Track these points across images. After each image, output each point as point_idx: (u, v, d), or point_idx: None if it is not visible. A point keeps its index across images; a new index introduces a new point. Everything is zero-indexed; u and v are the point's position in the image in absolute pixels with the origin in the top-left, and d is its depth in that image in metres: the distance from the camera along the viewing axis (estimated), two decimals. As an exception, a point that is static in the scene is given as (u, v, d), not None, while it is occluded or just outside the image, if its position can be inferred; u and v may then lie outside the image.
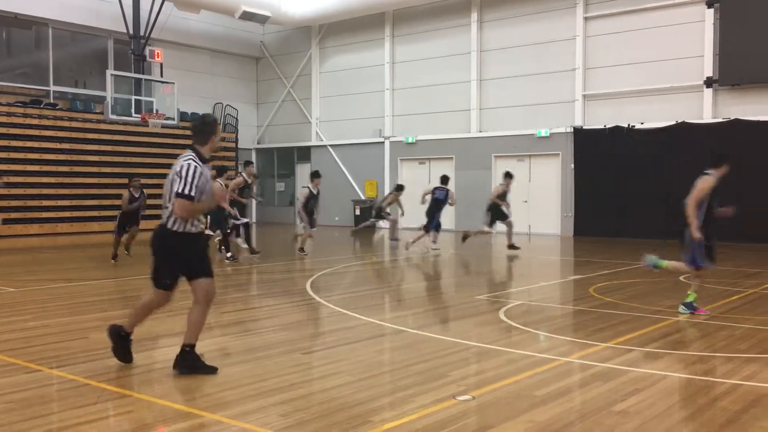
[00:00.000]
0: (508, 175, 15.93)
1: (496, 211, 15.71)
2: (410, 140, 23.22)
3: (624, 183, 18.67)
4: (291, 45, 27.37)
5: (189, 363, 5.44)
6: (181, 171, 5.33)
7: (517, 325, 7.44)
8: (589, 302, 9.06)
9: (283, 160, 28.26)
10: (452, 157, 22.53)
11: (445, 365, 5.78)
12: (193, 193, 5.29)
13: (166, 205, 5.46)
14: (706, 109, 18.12)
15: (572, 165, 20.17)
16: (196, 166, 5.37)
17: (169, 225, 5.41)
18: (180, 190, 5.28)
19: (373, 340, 6.89)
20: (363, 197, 24.47)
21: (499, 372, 5.60)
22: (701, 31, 18.15)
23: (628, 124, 19.09)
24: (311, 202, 14.67)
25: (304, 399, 4.80)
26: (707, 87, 18.08)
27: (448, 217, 19.00)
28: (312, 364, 5.96)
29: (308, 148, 26.91)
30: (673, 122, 18.32)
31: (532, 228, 20.80)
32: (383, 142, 23.92)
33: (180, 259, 5.48)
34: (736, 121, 17.45)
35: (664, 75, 18.66)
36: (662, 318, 7.74)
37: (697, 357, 6.13)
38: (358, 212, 23.51)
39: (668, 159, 18.08)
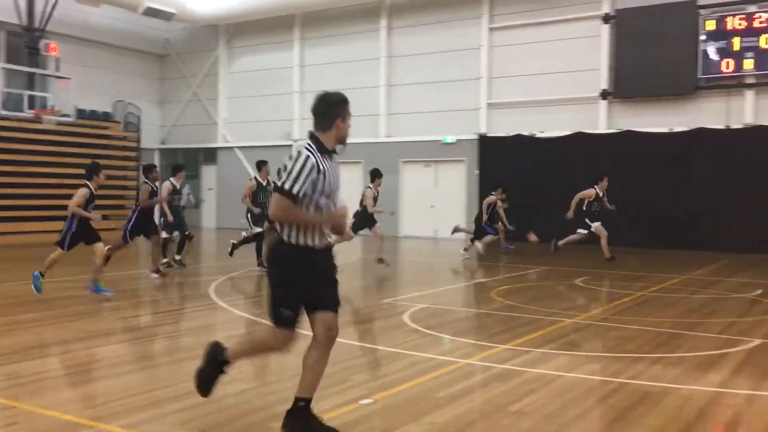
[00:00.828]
0: (378, 174, 13.46)
1: (366, 218, 13.33)
2: (318, 144, 23.19)
3: (527, 189, 19.26)
4: (197, 43, 26.76)
5: (303, 423, 4.10)
6: (291, 161, 4.06)
7: (421, 329, 7.53)
8: (490, 305, 9.30)
9: (189, 162, 27.53)
10: (360, 162, 22.64)
11: (347, 369, 5.78)
12: (296, 191, 3.98)
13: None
14: (601, 119, 19.00)
15: (476, 171, 20.66)
16: (308, 156, 4.04)
17: (286, 236, 4.09)
18: (281, 183, 4.02)
19: (277, 345, 6.81)
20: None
21: (403, 375, 5.65)
22: (598, 45, 19.02)
23: (530, 133, 19.75)
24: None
25: (200, 407, 4.68)
26: (603, 99, 18.96)
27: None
28: (212, 370, 5.83)
29: (214, 149, 26.37)
30: (572, 132, 19.09)
31: (438, 232, 21.16)
32: (291, 145, 23.77)
33: (301, 284, 4.10)
34: (628, 132, 18.37)
35: (564, 86, 19.43)
36: (558, 320, 8.04)
37: (589, 357, 6.40)
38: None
39: (566, 166, 18.84)
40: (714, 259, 15.23)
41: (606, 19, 18.85)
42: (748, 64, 16.91)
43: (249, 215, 12.82)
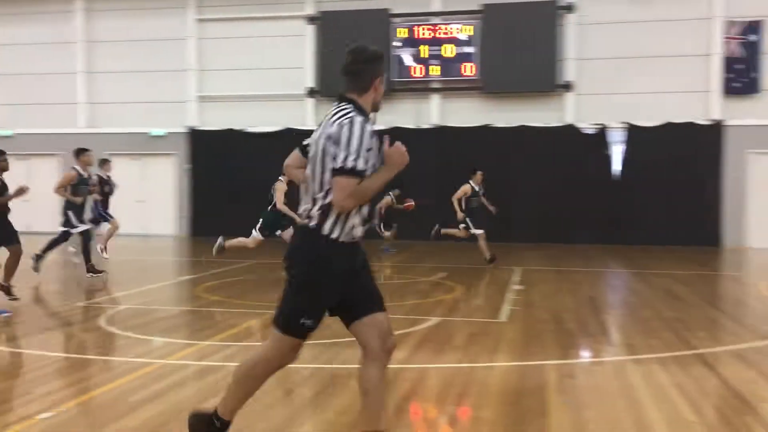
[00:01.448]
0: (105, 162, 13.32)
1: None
2: (8, 134, 20.75)
3: (239, 184, 19.27)
4: None
5: None
6: (339, 134, 3.35)
7: (118, 331, 7.18)
8: (195, 302, 9.18)
9: None
10: (58, 154, 20.71)
11: (30, 382, 5.31)
12: (361, 167, 3.32)
13: (316, 195, 3.44)
14: (309, 117, 19.75)
15: (186, 166, 20.18)
16: (364, 122, 3.40)
17: (327, 229, 3.41)
18: (341, 163, 3.30)
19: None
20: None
21: (93, 382, 5.35)
22: (303, 44, 19.71)
23: (241, 128, 19.81)
24: None
25: None
26: (309, 97, 19.71)
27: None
28: None
29: None
30: (281, 128, 19.56)
31: (147, 229, 20.24)
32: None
33: (335, 289, 3.47)
34: (334, 129, 19.34)
35: (274, 83, 19.80)
36: (264, 312, 8.18)
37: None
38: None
39: (277, 162, 19.26)
40: (404, 246, 16.60)
41: (311, 19, 19.60)
42: (435, 70, 18.83)
43: (71, 212, 11.14)
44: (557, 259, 14.22)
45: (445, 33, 18.79)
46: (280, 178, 11.34)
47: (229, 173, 19.42)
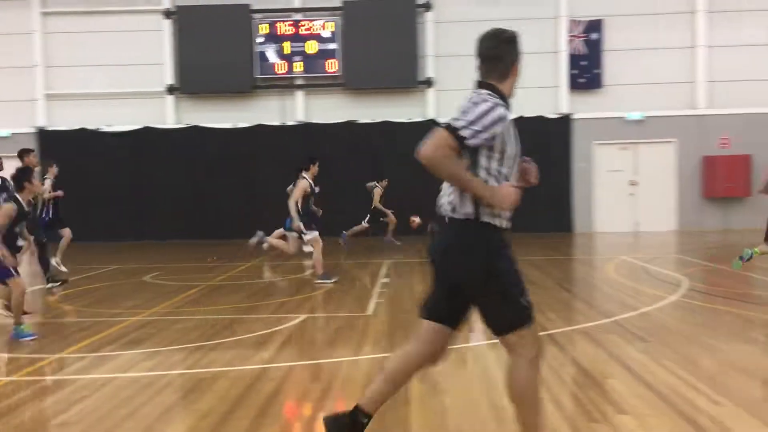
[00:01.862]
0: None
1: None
2: None
3: (93, 187, 18.29)
4: None
5: None
6: (465, 105, 3.27)
7: (-42, 350, 6.62)
8: (48, 313, 8.64)
9: None
10: None
11: None
12: (466, 134, 3.15)
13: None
14: (169, 115, 19.08)
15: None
16: (497, 105, 3.25)
17: (473, 214, 3.27)
18: (450, 121, 3.18)
19: None
20: None
21: (-74, 408, 4.90)
22: (161, 40, 18.99)
23: (96, 127, 18.82)
24: None
25: None
26: (169, 94, 19.03)
27: None
28: None
29: None
30: (140, 126, 18.76)
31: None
32: None
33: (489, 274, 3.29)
34: (195, 127, 18.82)
35: (131, 79, 18.93)
36: (121, 320, 7.86)
37: (149, 353, 6.41)
38: None
39: (135, 162, 18.50)
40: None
41: (167, 14, 18.91)
42: (298, 67, 18.74)
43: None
44: (424, 251, 14.58)
45: (308, 29, 18.74)
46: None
47: (83, 175, 18.39)
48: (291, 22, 18.77)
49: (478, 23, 19.79)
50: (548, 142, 18.41)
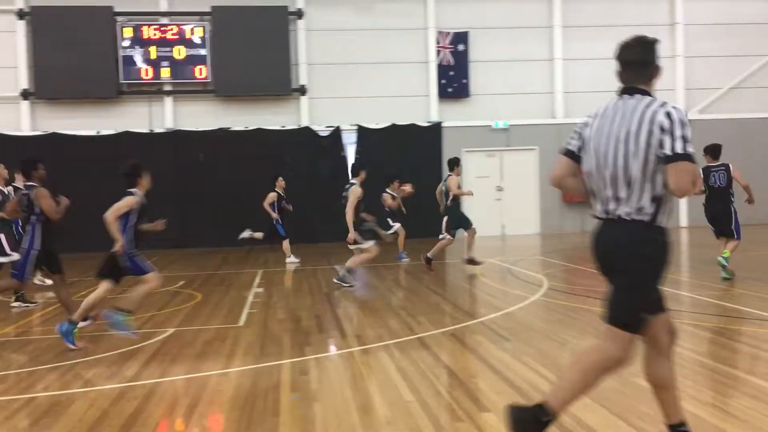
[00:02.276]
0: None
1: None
2: None
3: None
4: None
5: None
6: (670, 121, 3.26)
7: None
8: None
9: None
10: None
11: None
12: (693, 151, 3.29)
13: (630, 189, 3.37)
14: (24, 121, 17.92)
15: None
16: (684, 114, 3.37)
17: (658, 219, 3.39)
18: (681, 150, 3.24)
19: None
20: None
21: None
22: (14, 41, 17.81)
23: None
24: None
25: None
26: (24, 99, 17.88)
27: None
28: None
29: None
30: (-9, 133, 17.52)
31: None
32: None
33: (663, 280, 3.45)
34: (55, 134, 17.79)
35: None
36: (-32, 343, 7.28)
37: (-1, 378, 5.98)
38: None
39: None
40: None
41: (21, 15, 17.77)
42: (165, 72, 18.15)
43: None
44: (299, 258, 14.51)
45: (175, 34, 18.22)
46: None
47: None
48: (157, 26, 18.18)
49: (351, 32, 20.30)
50: (420, 149, 18.90)
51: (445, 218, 12.36)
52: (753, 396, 4.71)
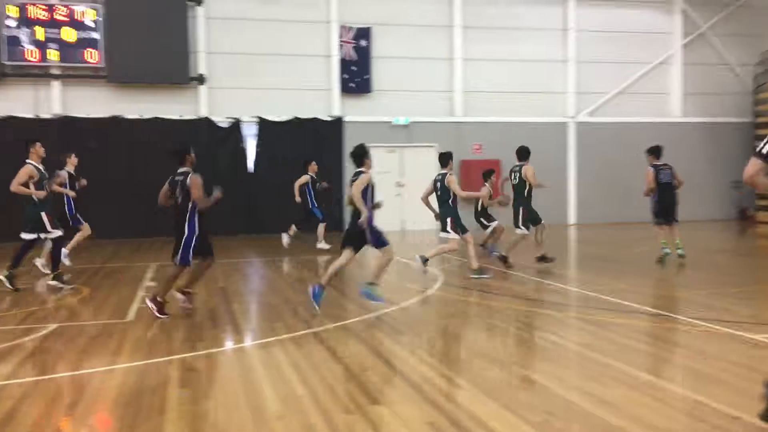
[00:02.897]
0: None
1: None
2: None
3: None
4: None
5: None
6: None
7: None
8: None
9: None
10: None
11: None
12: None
13: None
14: None
15: None
16: None
17: None
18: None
19: None
20: None
21: None
22: None
23: None
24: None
25: None
26: None
27: None
28: None
29: None
30: None
31: None
32: None
33: None
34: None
35: None
36: None
37: None
38: None
39: None
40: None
41: None
42: (53, 55, 17.21)
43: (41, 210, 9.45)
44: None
45: (65, 15, 17.31)
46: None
47: None
48: (45, 6, 17.20)
49: (252, 22, 20.00)
50: (322, 143, 18.84)
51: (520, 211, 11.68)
52: (627, 384, 4.98)
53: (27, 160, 9.65)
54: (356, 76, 19.34)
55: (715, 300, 8.21)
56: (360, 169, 8.28)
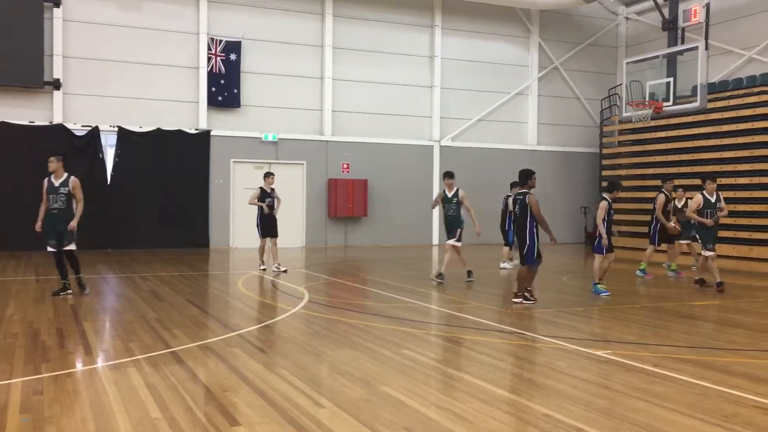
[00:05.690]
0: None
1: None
2: None
3: None
4: None
5: None
6: None
7: None
8: None
9: None
10: None
11: None
12: None
13: None
14: None
15: None
16: None
17: None
18: None
19: None
20: None
21: None
22: None
23: None
24: None
25: None
26: None
27: None
28: None
29: None
30: None
31: None
32: None
33: None
34: None
35: None
36: None
37: None
38: None
39: None
40: None
41: None
42: None
43: None
44: (44, 266, 13.27)
45: None
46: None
47: None
48: None
49: (115, 28, 19.22)
50: (187, 156, 18.35)
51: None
52: (482, 399, 5.20)
53: None
54: (224, 89, 19.02)
55: (563, 319, 8.76)
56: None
